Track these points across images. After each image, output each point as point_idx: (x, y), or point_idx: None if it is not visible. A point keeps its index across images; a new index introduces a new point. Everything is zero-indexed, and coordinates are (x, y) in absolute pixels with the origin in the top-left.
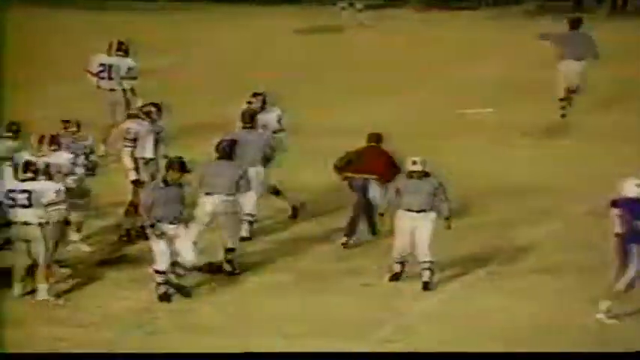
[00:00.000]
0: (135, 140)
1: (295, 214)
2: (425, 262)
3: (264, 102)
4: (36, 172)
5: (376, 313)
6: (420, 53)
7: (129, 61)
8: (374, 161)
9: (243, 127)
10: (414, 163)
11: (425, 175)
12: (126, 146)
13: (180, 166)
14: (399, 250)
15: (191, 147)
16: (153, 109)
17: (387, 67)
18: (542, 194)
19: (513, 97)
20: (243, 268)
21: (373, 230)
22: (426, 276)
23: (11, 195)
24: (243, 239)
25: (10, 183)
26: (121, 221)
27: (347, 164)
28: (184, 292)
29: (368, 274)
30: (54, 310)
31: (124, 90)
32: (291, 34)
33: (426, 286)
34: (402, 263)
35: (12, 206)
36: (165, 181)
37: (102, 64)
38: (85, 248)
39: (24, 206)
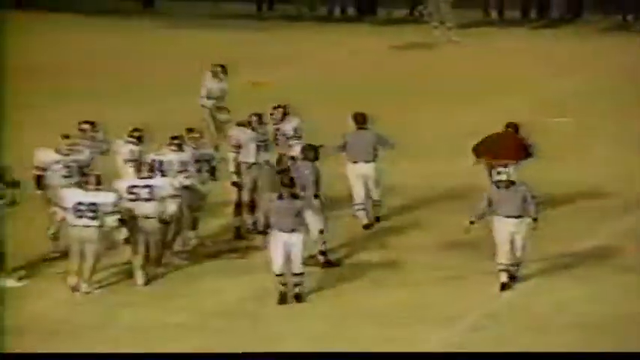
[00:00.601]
0: (238, 147)
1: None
2: (518, 263)
3: (284, 114)
4: (152, 170)
5: (465, 303)
6: (505, 66)
7: (222, 84)
8: (508, 147)
9: (358, 128)
10: (499, 173)
11: (512, 183)
12: (230, 151)
13: (289, 181)
14: (505, 255)
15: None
16: (254, 118)
17: (474, 78)
18: (622, 195)
19: (596, 105)
20: (342, 262)
21: None
22: (515, 270)
23: (134, 190)
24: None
25: (132, 181)
26: (230, 221)
27: (484, 149)
28: (298, 297)
29: (457, 266)
30: (169, 299)
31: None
32: (389, 50)
33: (513, 279)
34: (508, 271)
35: (134, 200)
36: (280, 195)
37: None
38: (200, 243)
39: (146, 200)
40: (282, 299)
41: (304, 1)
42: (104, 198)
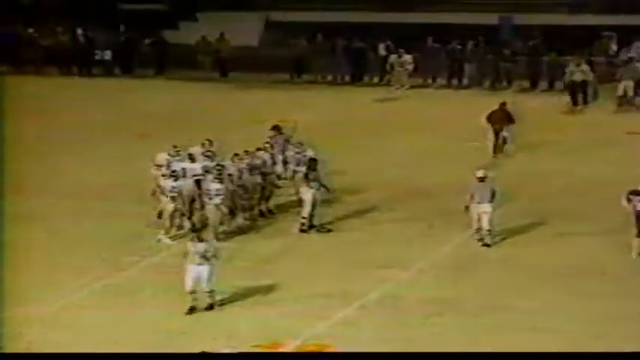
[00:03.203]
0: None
1: None
2: (487, 230)
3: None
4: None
5: (414, 253)
6: (439, 111)
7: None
8: (504, 116)
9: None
10: (479, 172)
11: (482, 180)
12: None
13: (198, 230)
14: (475, 225)
15: None
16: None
17: (425, 118)
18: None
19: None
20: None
21: (495, 150)
22: (488, 239)
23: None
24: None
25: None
26: None
27: (491, 118)
28: (211, 307)
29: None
30: None
31: None
32: (370, 101)
33: (487, 245)
34: (479, 231)
35: None
36: (191, 239)
37: None
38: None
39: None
40: (191, 310)
41: (320, 72)
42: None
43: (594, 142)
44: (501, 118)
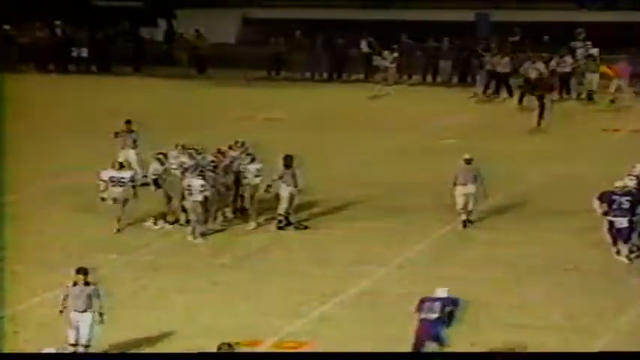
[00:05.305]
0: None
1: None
2: (470, 210)
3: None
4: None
5: (391, 250)
6: (418, 109)
7: None
8: (547, 86)
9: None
10: (466, 156)
11: (469, 162)
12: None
13: (83, 271)
14: (460, 206)
15: None
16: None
17: (401, 115)
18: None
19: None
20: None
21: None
22: (471, 216)
23: None
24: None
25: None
26: None
27: (538, 86)
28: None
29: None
30: None
31: None
32: (347, 99)
33: (465, 224)
34: (465, 213)
35: None
36: (75, 283)
37: None
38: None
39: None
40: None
41: (297, 69)
42: None
43: (569, 138)
44: (544, 86)
